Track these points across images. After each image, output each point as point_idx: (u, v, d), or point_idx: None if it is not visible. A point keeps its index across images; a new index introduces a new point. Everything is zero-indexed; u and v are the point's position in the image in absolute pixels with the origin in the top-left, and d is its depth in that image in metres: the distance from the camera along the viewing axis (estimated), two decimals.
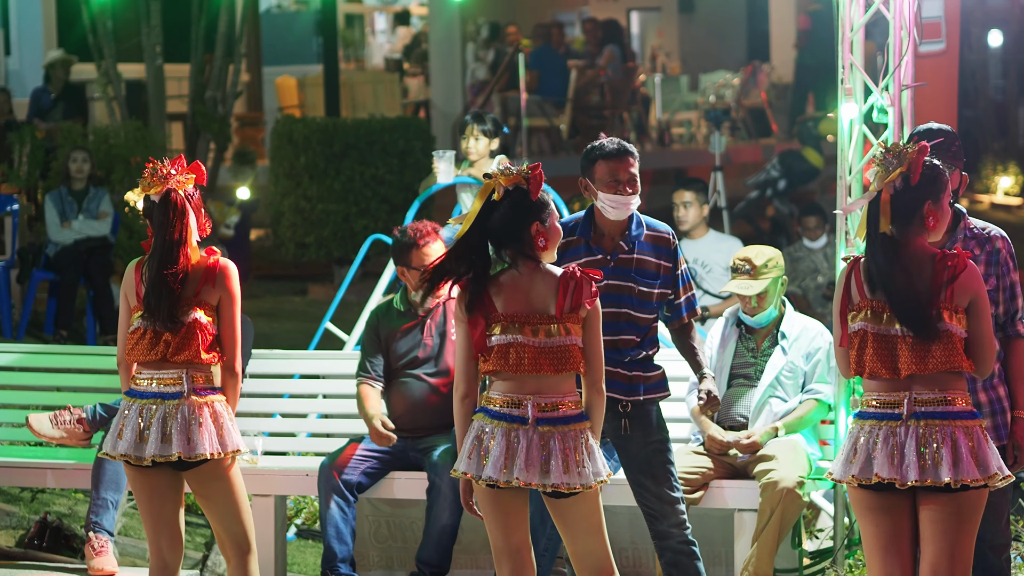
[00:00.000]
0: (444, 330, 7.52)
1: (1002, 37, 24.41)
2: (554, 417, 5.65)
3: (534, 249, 5.72)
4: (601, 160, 6.48)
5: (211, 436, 5.97)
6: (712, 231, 10.60)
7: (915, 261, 5.48)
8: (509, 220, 5.73)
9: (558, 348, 5.66)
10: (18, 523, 8.70)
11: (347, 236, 15.69)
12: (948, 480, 5.35)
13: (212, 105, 16.42)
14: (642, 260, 6.54)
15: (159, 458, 5.96)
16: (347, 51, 25.88)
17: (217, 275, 6.02)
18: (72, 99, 15.77)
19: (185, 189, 6.05)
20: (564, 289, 5.67)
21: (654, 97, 22.72)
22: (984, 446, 5.43)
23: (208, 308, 6.02)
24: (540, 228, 5.73)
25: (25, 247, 13.19)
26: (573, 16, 27.00)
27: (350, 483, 7.35)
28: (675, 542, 6.60)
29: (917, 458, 5.40)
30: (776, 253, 7.60)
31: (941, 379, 5.46)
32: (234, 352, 6.07)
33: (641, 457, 6.59)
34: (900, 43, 7.22)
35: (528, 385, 5.68)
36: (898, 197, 5.50)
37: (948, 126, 6.41)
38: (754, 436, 7.24)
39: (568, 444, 5.64)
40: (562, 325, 5.66)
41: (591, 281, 5.69)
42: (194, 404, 5.99)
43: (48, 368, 8.44)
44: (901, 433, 5.45)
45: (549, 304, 5.68)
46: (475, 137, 9.47)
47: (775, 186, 17.68)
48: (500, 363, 5.67)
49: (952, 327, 5.43)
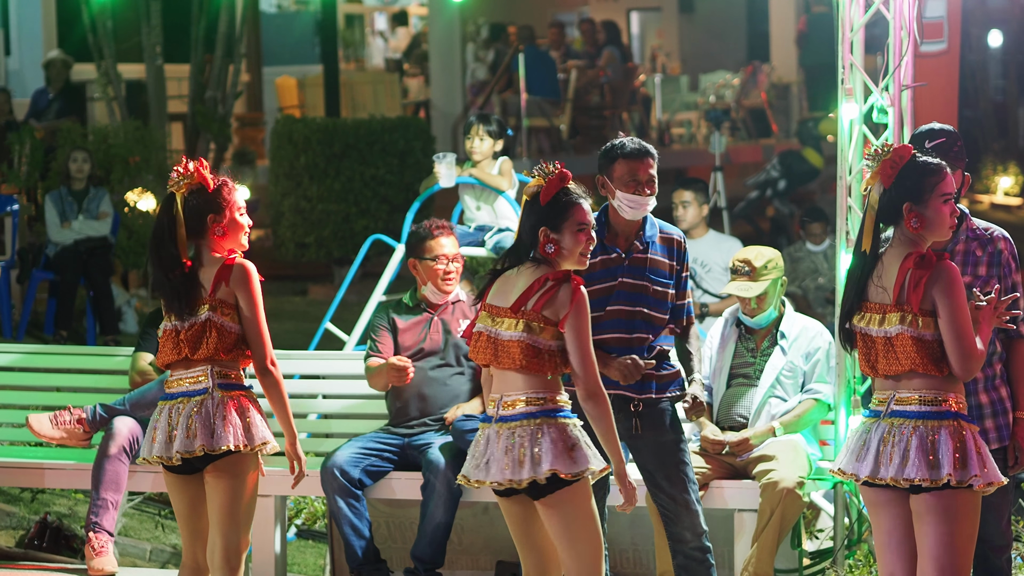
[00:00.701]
0: (450, 328, 7.57)
1: (1002, 37, 24.40)
2: (508, 415, 5.66)
3: (539, 252, 5.73)
4: (621, 159, 6.48)
5: (236, 429, 5.87)
6: (712, 231, 10.60)
7: (886, 272, 5.52)
8: (522, 222, 5.79)
9: (514, 343, 5.65)
10: (18, 523, 8.70)
11: (347, 236, 15.69)
12: (888, 479, 5.40)
13: (212, 105, 16.41)
14: (655, 260, 6.53)
15: (185, 454, 5.89)
16: (347, 51, 25.87)
17: (232, 274, 5.95)
18: (69, 98, 15.76)
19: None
20: (532, 289, 5.67)
21: (654, 97, 22.72)
22: (948, 447, 5.39)
23: (225, 306, 5.94)
24: (548, 234, 5.72)
25: (25, 247, 13.19)
26: (573, 16, 26.99)
27: (353, 480, 7.36)
28: (688, 547, 6.55)
29: (875, 456, 5.45)
30: (776, 254, 7.59)
31: (921, 379, 5.47)
32: (262, 351, 5.96)
33: (654, 458, 6.54)
34: (900, 43, 7.22)
35: (499, 383, 5.74)
36: (881, 199, 5.56)
37: (950, 126, 6.41)
38: (745, 435, 7.25)
39: (515, 441, 5.61)
40: (520, 321, 5.65)
41: (575, 293, 5.65)
42: (219, 399, 5.90)
43: (48, 368, 8.44)
44: (873, 430, 5.51)
45: (512, 299, 5.70)
46: (480, 137, 9.48)
47: (775, 186, 17.69)
48: (472, 353, 5.79)
49: (911, 331, 5.44)
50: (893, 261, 5.52)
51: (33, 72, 18.35)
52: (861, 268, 5.58)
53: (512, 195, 9.43)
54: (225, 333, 5.94)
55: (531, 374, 5.66)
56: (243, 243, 6.06)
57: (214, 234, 5.99)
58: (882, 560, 5.61)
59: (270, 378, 5.97)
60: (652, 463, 6.55)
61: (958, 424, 5.43)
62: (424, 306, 7.65)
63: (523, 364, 5.63)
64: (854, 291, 5.58)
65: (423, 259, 7.59)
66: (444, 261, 7.57)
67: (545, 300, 5.65)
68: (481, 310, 5.81)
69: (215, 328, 5.94)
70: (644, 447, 6.55)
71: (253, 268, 5.99)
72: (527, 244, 5.75)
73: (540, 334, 5.65)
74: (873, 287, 5.54)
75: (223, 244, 6.00)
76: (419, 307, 7.65)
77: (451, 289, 7.62)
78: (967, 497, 5.42)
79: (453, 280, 7.61)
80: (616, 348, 6.45)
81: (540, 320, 5.65)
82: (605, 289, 6.45)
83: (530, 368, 5.64)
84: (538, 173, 5.79)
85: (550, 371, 5.67)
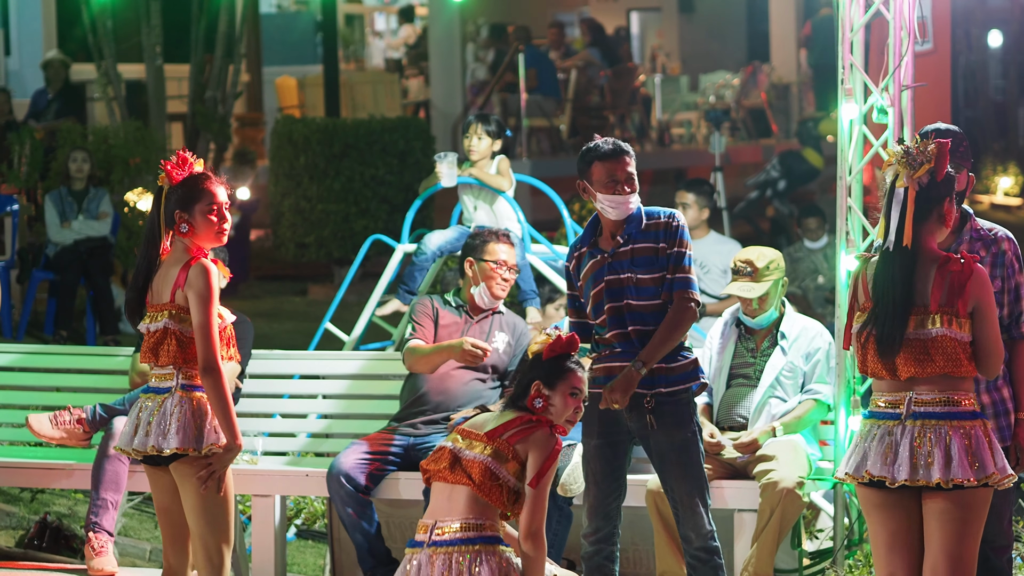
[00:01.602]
0: (487, 338, 7.61)
1: (1002, 37, 24.40)
2: (442, 540, 5.65)
3: (528, 403, 5.82)
4: (597, 162, 6.46)
5: (186, 431, 5.84)
6: (712, 233, 10.60)
7: (920, 273, 5.48)
8: (522, 372, 5.94)
9: (476, 463, 5.66)
10: (18, 523, 8.70)
11: (347, 236, 15.69)
12: (939, 480, 5.37)
13: (212, 105, 16.41)
14: (639, 250, 6.49)
15: (138, 451, 5.92)
16: (347, 51, 25.85)
17: (187, 276, 5.90)
18: (69, 99, 15.76)
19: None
20: (512, 422, 5.72)
21: (654, 97, 22.71)
22: (983, 446, 5.42)
23: (184, 311, 5.89)
24: (541, 389, 5.79)
25: (25, 247, 13.19)
26: (573, 16, 26.98)
27: (359, 486, 7.36)
28: (694, 548, 6.53)
29: (910, 457, 5.41)
30: (777, 255, 7.59)
31: (943, 380, 5.47)
32: (204, 353, 5.84)
33: (665, 456, 6.50)
34: (900, 43, 7.22)
35: (436, 505, 5.75)
36: (921, 194, 5.52)
37: (955, 127, 6.42)
38: (753, 435, 7.25)
39: (452, 567, 5.58)
40: (490, 447, 5.67)
41: (554, 443, 5.67)
42: (177, 399, 5.90)
43: (48, 368, 8.44)
44: (897, 433, 5.47)
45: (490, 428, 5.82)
46: (479, 137, 9.47)
47: (775, 186, 17.69)
48: (426, 462, 5.84)
49: (953, 332, 5.44)
50: (925, 262, 5.50)
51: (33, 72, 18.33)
52: (903, 267, 5.48)
53: (511, 195, 9.43)
54: (185, 340, 5.91)
55: (478, 498, 5.60)
56: (217, 240, 6.00)
57: (179, 230, 5.95)
58: (884, 561, 5.59)
59: (209, 378, 5.86)
60: (663, 462, 6.51)
61: (983, 423, 5.48)
62: (466, 309, 7.68)
63: (478, 483, 5.58)
64: (902, 293, 5.46)
65: (481, 260, 7.64)
66: (503, 267, 7.60)
67: (523, 435, 5.65)
68: (454, 432, 5.79)
69: (174, 336, 5.91)
70: (657, 445, 6.50)
71: (212, 268, 5.92)
72: (519, 393, 5.79)
73: (505, 464, 5.61)
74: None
75: (193, 240, 5.97)
76: (461, 308, 7.69)
77: (501, 296, 7.65)
78: (986, 493, 5.46)
79: (506, 289, 7.66)
80: (620, 344, 6.46)
81: (510, 452, 5.63)
82: (597, 293, 6.49)
83: (482, 489, 5.59)
84: (547, 333, 5.86)
85: (499, 505, 5.61)
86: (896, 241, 5.52)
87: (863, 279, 5.63)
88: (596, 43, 21.71)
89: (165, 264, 5.99)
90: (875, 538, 5.63)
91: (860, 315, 5.60)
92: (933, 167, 5.52)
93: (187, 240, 5.97)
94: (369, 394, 8.16)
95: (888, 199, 5.57)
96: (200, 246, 5.98)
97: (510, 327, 7.68)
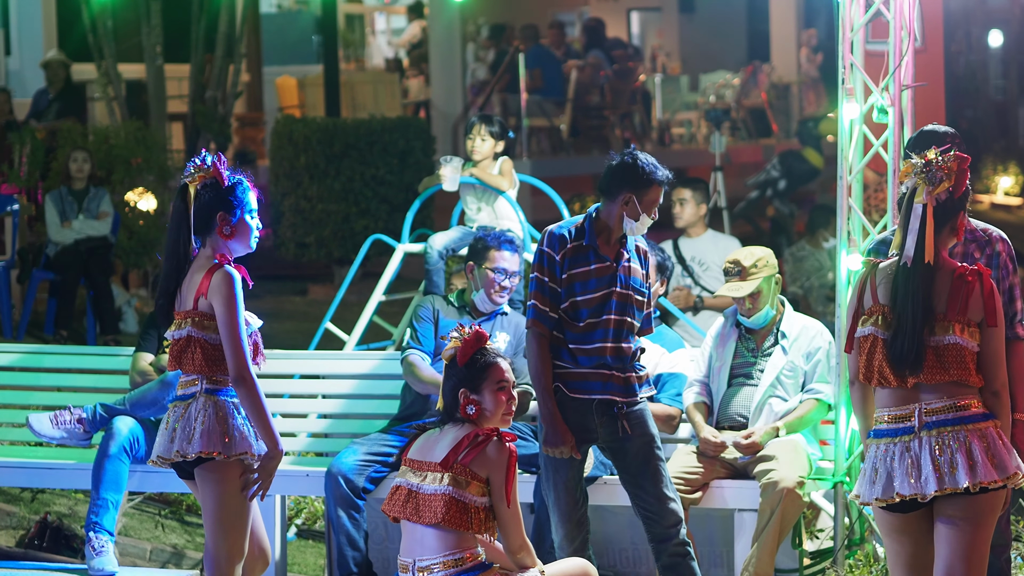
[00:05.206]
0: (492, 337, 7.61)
1: (1002, 37, 24.43)
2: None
3: (460, 414, 5.81)
4: (657, 186, 6.70)
5: (211, 436, 5.78)
6: (710, 230, 10.60)
7: (939, 286, 5.47)
8: (443, 384, 5.88)
9: (437, 497, 5.67)
10: (18, 523, 8.70)
11: (347, 236, 15.69)
12: (967, 485, 5.34)
13: (212, 105, 16.41)
14: (635, 270, 6.71)
15: (163, 458, 5.88)
16: (347, 51, 25.84)
17: (211, 284, 5.83)
18: (69, 99, 15.76)
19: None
20: (461, 444, 5.68)
21: (654, 97, 22.71)
22: (999, 446, 5.40)
23: (207, 318, 5.84)
24: (468, 395, 5.77)
25: (25, 247, 13.19)
26: (573, 16, 26.98)
27: (356, 488, 7.35)
28: (671, 544, 6.62)
29: (934, 469, 5.38)
30: (766, 252, 7.58)
31: (949, 387, 5.45)
32: (236, 361, 5.78)
33: (640, 457, 6.62)
34: (900, 43, 7.22)
35: (410, 545, 5.75)
36: (938, 209, 5.48)
37: (951, 128, 6.42)
38: (754, 436, 7.24)
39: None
40: (446, 475, 5.65)
41: (506, 450, 5.63)
42: (202, 404, 5.84)
43: (48, 368, 8.44)
44: (915, 446, 5.43)
45: (439, 454, 5.76)
46: (482, 137, 9.48)
47: (775, 186, 17.68)
48: (387, 506, 5.85)
49: (964, 341, 5.43)
50: (941, 274, 5.48)
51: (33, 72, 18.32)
52: (924, 283, 5.45)
53: (513, 195, 9.43)
54: (209, 347, 5.85)
55: (450, 531, 5.57)
56: (249, 245, 5.96)
57: (221, 233, 5.90)
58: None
59: (242, 388, 5.80)
60: (637, 464, 6.64)
61: (995, 423, 5.46)
62: (468, 310, 7.72)
63: (445, 518, 5.54)
64: (923, 309, 5.44)
65: (482, 266, 7.68)
66: (502, 274, 7.62)
67: (474, 454, 5.61)
68: (403, 465, 5.77)
69: (198, 344, 5.85)
70: (631, 448, 6.63)
71: (236, 275, 5.84)
72: (449, 405, 5.75)
73: (467, 488, 5.58)
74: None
75: (229, 244, 5.92)
76: (464, 309, 7.72)
77: (502, 301, 7.71)
78: (1001, 494, 5.46)
79: (505, 295, 7.70)
80: (610, 357, 6.58)
81: (467, 475, 5.59)
82: (601, 298, 6.56)
83: (452, 523, 5.55)
84: (453, 336, 5.81)
85: (476, 528, 5.57)
86: (916, 257, 5.46)
87: (871, 285, 5.58)
88: (596, 44, 21.72)
89: (191, 269, 5.94)
90: (893, 558, 5.61)
91: (865, 319, 5.57)
92: (953, 185, 5.48)
93: (226, 242, 5.91)
94: (369, 394, 8.15)
95: (906, 212, 5.50)
96: (224, 253, 5.90)
97: (512, 327, 7.69)
